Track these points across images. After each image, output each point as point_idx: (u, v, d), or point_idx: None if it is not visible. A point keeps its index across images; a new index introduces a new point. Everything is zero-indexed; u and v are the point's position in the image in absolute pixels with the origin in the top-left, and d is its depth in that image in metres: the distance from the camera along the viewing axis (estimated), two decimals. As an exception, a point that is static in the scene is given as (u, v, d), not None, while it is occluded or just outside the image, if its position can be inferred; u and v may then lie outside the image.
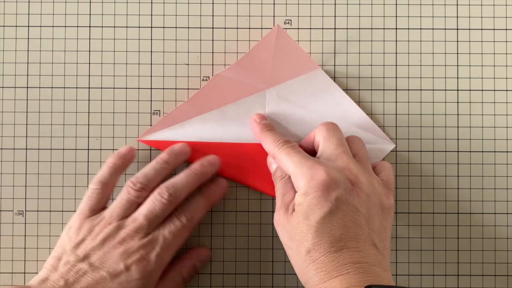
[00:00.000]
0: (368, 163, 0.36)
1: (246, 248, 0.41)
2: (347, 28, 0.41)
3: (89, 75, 0.41)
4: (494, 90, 0.41)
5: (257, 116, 0.39)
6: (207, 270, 0.41)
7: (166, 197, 0.36)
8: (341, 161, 0.34)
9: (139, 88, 0.41)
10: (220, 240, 0.41)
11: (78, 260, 0.35)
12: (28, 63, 0.41)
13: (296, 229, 0.33)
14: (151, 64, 0.41)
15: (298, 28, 0.41)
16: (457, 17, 0.41)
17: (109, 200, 0.38)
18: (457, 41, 0.41)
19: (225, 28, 0.41)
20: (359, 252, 0.32)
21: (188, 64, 0.41)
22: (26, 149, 0.41)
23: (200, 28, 0.41)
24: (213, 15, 0.41)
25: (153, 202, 0.36)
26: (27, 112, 0.41)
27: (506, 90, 0.41)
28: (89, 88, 0.41)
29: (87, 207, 0.37)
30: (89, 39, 0.41)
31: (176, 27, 0.41)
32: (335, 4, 0.41)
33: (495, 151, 0.41)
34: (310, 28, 0.41)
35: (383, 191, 0.35)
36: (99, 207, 0.37)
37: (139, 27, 0.41)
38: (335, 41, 0.41)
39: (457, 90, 0.41)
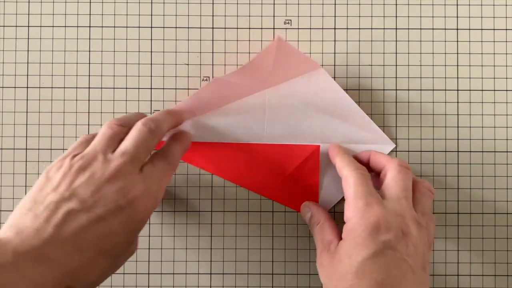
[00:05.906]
0: (424, 216, 0.34)
1: (246, 248, 0.41)
2: (347, 28, 0.41)
3: (89, 75, 0.41)
4: (494, 90, 0.41)
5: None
6: (207, 270, 0.41)
7: (153, 127, 0.33)
8: (400, 207, 0.33)
9: (139, 88, 0.41)
10: (220, 240, 0.41)
11: (63, 198, 0.29)
12: (28, 63, 0.41)
13: (337, 267, 0.32)
14: (151, 64, 0.41)
15: (298, 28, 0.41)
16: (457, 17, 0.41)
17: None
18: (457, 41, 0.41)
19: (225, 28, 0.41)
20: None
21: (188, 64, 0.41)
22: (26, 149, 0.41)
23: (200, 28, 0.41)
24: (213, 15, 0.41)
25: (139, 132, 0.32)
26: (27, 112, 0.41)
27: (506, 90, 0.41)
28: (89, 88, 0.41)
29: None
30: (89, 39, 0.41)
31: (176, 27, 0.41)
32: (335, 4, 0.41)
33: (495, 151, 0.41)
34: (310, 28, 0.41)
35: (427, 249, 0.34)
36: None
37: (139, 27, 0.41)
38: (335, 41, 0.41)
39: (457, 90, 0.41)
